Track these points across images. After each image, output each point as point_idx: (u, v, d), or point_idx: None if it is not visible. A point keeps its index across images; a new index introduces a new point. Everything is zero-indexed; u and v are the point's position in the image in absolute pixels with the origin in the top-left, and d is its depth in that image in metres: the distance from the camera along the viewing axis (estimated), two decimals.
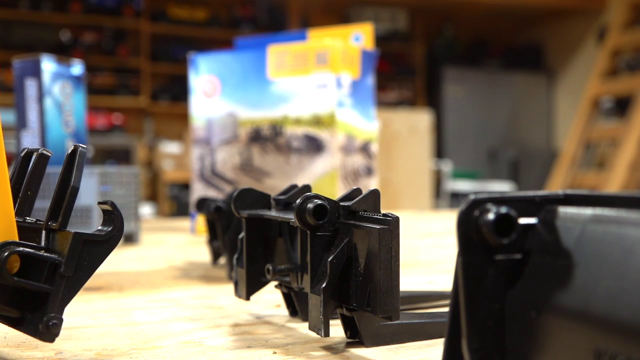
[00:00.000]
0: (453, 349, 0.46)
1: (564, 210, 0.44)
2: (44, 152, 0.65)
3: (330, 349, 0.70)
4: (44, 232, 0.62)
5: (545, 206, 0.45)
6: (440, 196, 5.65)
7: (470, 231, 0.44)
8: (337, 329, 0.73)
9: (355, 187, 0.70)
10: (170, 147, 7.07)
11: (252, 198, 0.78)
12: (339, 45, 1.38)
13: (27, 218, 0.65)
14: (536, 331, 0.42)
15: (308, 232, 0.68)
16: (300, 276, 0.73)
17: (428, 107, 6.37)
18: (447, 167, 5.89)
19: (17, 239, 0.61)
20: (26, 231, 0.64)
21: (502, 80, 6.72)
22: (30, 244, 0.60)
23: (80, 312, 0.87)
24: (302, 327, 0.79)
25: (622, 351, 0.37)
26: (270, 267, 0.75)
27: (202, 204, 1.08)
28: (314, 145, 1.39)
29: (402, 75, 7.08)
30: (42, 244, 0.61)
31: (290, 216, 0.70)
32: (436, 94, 6.97)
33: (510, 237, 0.44)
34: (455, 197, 5.70)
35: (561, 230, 0.43)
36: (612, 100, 3.57)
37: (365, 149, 1.44)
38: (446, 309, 0.77)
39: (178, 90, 7.27)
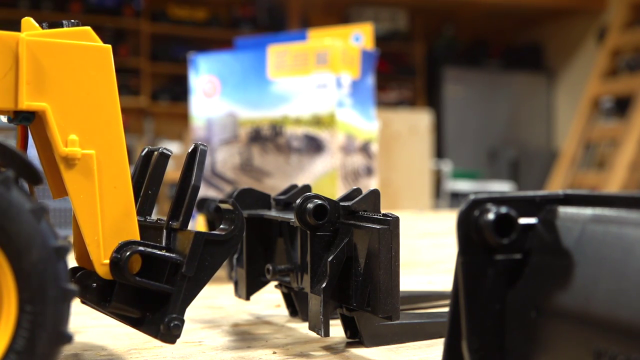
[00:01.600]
0: (453, 349, 0.46)
1: (564, 210, 0.44)
2: (165, 151, 0.66)
3: (330, 349, 0.70)
4: (165, 231, 0.61)
5: (545, 206, 0.46)
6: (440, 196, 5.65)
7: (470, 231, 0.44)
8: (337, 329, 0.73)
9: (355, 187, 0.70)
10: (170, 147, 7.05)
11: (252, 198, 0.78)
12: (339, 45, 1.38)
13: (148, 217, 0.65)
14: (536, 331, 0.42)
15: (308, 232, 0.68)
16: (300, 276, 0.73)
17: (428, 107, 6.37)
18: (447, 167, 5.89)
19: (138, 239, 0.60)
20: (148, 230, 0.63)
21: (502, 80, 6.72)
22: (152, 243, 0.60)
23: (80, 312, 0.87)
24: (302, 327, 0.79)
25: (622, 351, 0.37)
26: (270, 267, 0.75)
27: (202, 204, 1.08)
28: (314, 145, 1.39)
29: (402, 75, 7.08)
30: (164, 243, 0.61)
31: (290, 216, 0.70)
32: (436, 94, 6.97)
33: (510, 237, 0.44)
34: (455, 197, 5.70)
35: (561, 230, 0.43)
36: (612, 100, 3.57)
37: (365, 149, 1.44)
38: (446, 309, 0.77)
39: (178, 90, 7.26)
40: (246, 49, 1.55)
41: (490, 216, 0.43)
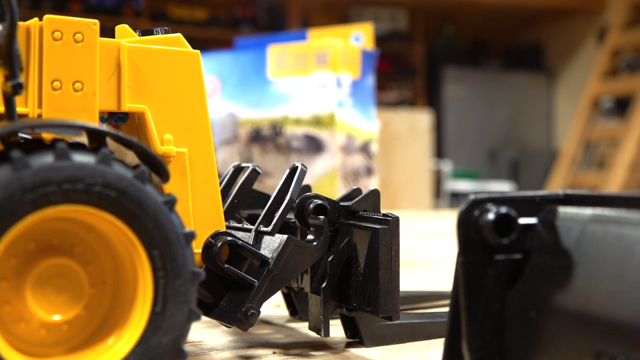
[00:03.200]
0: (453, 349, 0.46)
1: (564, 210, 0.44)
2: (257, 168, 0.74)
3: (330, 348, 0.70)
4: (253, 233, 0.66)
5: (545, 206, 0.46)
6: (440, 196, 5.65)
7: (470, 231, 0.44)
8: (337, 329, 0.73)
9: (355, 187, 0.70)
10: None
11: (252, 198, 0.78)
12: (339, 45, 1.38)
13: (232, 221, 0.71)
14: (536, 331, 0.42)
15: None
16: (300, 276, 0.73)
17: (428, 107, 6.37)
18: (447, 167, 5.89)
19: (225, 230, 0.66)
20: (231, 230, 0.68)
21: (502, 80, 6.72)
22: (240, 238, 0.65)
23: None
24: (302, 327, 0.79)
25: (622, 351, 0.37)
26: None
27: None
28: (314, 145, 1.39)
29: (402, 75, 7.08)
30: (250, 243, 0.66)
31: (290, 216, 0.70)
32: (436, 94, 6.97)
33: (510, 237, 0.44)
34: (455, 197, 5.70)
35: (561, 230, 0.43)
36: (612, 100, 3.57)
37: (365, 149, 1.44)
38: (446, 309, 0.77)
39: None
40: (246, 49, 1.55)
41: (490, 216, 0.43)
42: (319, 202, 0.67)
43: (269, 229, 0.65)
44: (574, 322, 0.40)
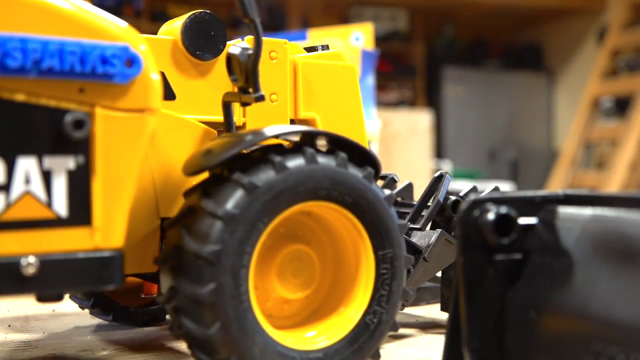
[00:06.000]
0: (453, 348, 0.46)
1: (564, 210, 0.44)
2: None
3: None
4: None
5: (545, 206, 0.45)
6: None
7: (470, 231, 0.44)
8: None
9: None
10: None
11: None
12: (339, 45, 1.38)
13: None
14: (536, 331, 0.42)
15: None
16: None
17: (428, 107, 6.37)
18: (447, 167, 5.89)
19: None
20: None
21: (502, 80, 6.71)
22: None
23: (80, 312, 0.87)
24: None
25: (622, 351, 0.37)
26: None
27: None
28: None
29: (402, 75, 7.07)
30: None
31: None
32: (436, 94, 6.96)
33: (510, 237, 0.44)
34: None
35: (561, 230, 0.43)
36: (612, 100, 3.57)
37: None
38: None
39: None
40: None
41: (490, 216, 0.43)
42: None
43: (419, 225, 0.73)
44: (574, 322, 0.40)
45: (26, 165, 0.46)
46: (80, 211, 0.48)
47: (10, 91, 0.45)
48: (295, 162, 0.54)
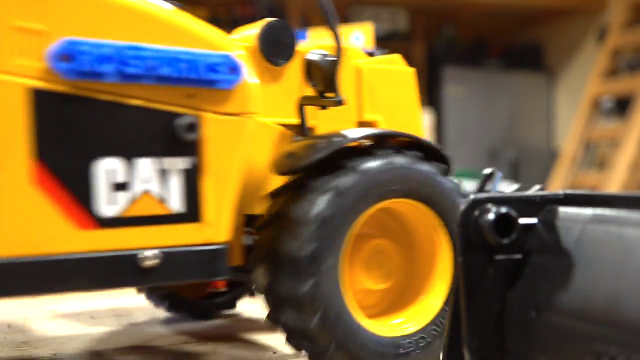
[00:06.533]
0: (453, 349, 0.46)
1: (564, 210, 0.44)
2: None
3: None
4: None
5: (545, 206, 0.45)
6: None
7: (470, 231, 0.44)
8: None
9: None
10: None
11: None
12: None
13: None
14: (536, 331, 0.42)
15: None
16: None
17: (428, 107, 6.37)
18: None
19: None
20: None
21: (502, 80, 6.71)
22: None
23: (80, 312, 0.87)
24: None
25: (622, 352, 0.37)
26: None
27: None
28: None
29: None
30: None
31: None
32: (436, 93, 6.96)
33: (510, 237, 0.44)
34: None
35: (561, 230, 0.43)
36: (612, 100, 3.57)
37: None
38: None
39: None
40: None
41: (491, 216, 0.43)
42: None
43: None
44: (574, 322, 0.40)
45: (145, 165, 0.50)
46: (192, 208, 0.52)
47: (129, 97, 0.49)
48: (376, 164, 0.59)
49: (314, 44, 0.70)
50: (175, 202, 0.51)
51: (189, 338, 0.78)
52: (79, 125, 0.47)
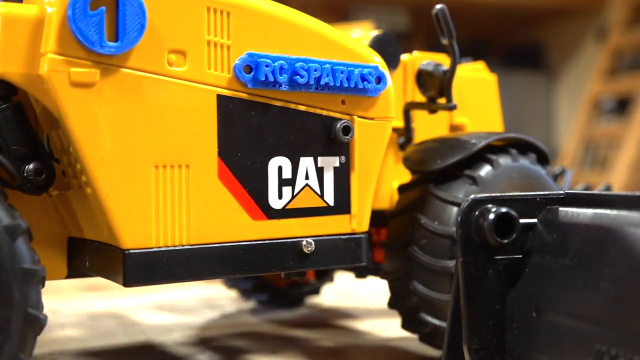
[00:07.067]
0: (453, 349, 0.46)
1: (564, 210, 0.44)
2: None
3: (331, 348, 0.70)
4: None
5: (545, 206, 0.45)
6: None
7: (470, 231, 0.44)
8: (339, 331, 0.73)
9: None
10: None
11: None
12: None
13: None
14: (536, 331, 0.42)
15: None
16: None
17: None
18: None
19: None
20: None
21: (502, 80, 6.70)
22: None
23: (80, 312, 0.87)
24: (303, 327, 0.79)
25: (622, 351, 0.37)
26: None
27: None
28: None
29: None
30: None
31: None
32: None
33: (510, 238, 0.44)
34: None
35: (561, 230, 0.43)
36: (612, 100, 3.57)
37: None
38: None
39: None
40: None
41: (491, 216, 0.43)
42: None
43: None
44: (575, 322, 0.40)
45: (306, 163, 0.57)
46: (342, 201, 0.59)
47: (295, 103, 0.56)
48: (505, 160, 0.64)
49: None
50: (329, 196, 0.58)
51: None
52: (255, 127, 0.55)
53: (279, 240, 0.56)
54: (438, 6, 0.68)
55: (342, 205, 0.59)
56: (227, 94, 0.53)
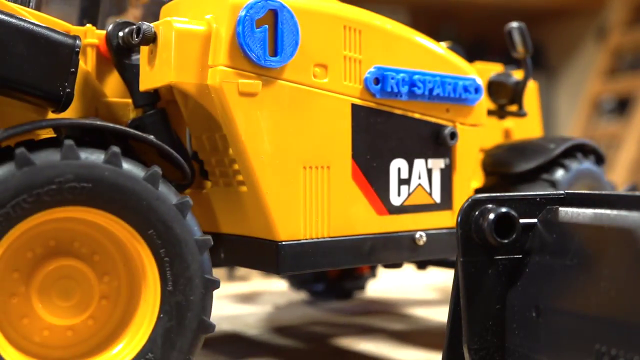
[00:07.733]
0: (453, 349, 0.46)
1: (564, 210, 0.44)
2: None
3: (331, 349, 0.70)
4: None
5: (545, 206, 0.45)
6: None
7: (470, 231, 0.44)
8: (338, 331, 0.73)
9: None
10: None
11: None
12: None
13: None
14: (536, 331, 0.42)
15: None
16: None
17: None
18: None
19: None
20: None
21: None
22: None
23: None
24: (303, 328, 0.79)
25: (622, 351, 0.37)
26: None
27: None
28: None
29: None
30: None
31: None
32: None
33: (510, 238, 0.44)
34: None
35: (561, 230, 0.43)
36: (613, 99, 3.57)
37: None
38: None
39: None
40: None
41: (491, 216, 0.43)
42: None
43: None
44: (574, 322, 0.40)
45: (419, 165, 0.64)
46: (446, 198, 0.66)
47: (411, 111, 0.63)
48: (575, 164, 0.71)
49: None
50: (437, 194, 0.65)
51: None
52: (380, 133, 0.62)
53: (398, 234, 0.63)
54: (514, 24, 0.76)
55: (446, 202, 0.66)
56: (360, 103, 0.60)
